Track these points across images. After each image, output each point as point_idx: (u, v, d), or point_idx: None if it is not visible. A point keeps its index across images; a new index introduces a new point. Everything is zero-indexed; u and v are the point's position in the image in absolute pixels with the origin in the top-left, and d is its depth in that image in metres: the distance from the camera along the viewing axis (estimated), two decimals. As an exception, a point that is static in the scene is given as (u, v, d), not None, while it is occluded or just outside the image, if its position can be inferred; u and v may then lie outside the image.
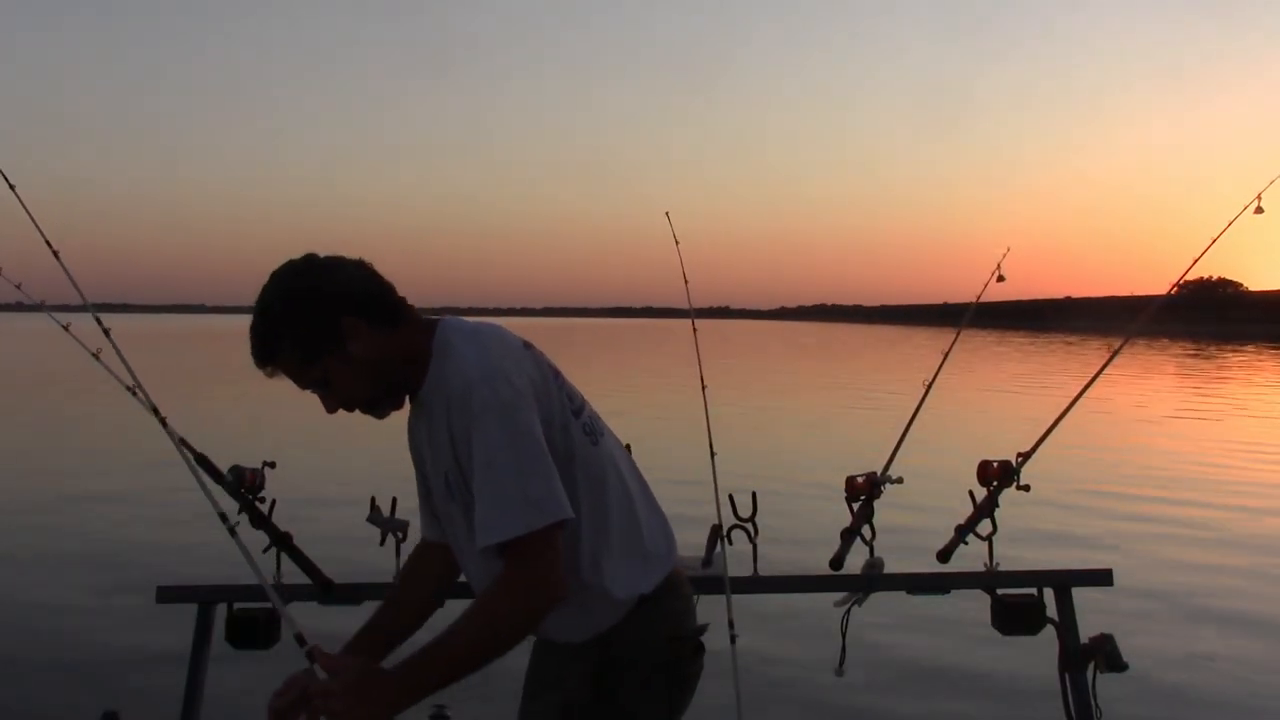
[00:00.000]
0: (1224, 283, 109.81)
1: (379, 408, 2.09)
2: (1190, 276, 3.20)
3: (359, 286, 2.01)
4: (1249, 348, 59.79)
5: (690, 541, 2.98)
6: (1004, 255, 3.36)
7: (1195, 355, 49.48)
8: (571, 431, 2.04)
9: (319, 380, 2.02)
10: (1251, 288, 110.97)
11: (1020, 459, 2.97)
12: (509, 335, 2.09)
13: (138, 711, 2.85)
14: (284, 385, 2.08)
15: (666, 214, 3.41)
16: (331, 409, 2.08)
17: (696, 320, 3.22)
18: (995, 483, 2.96)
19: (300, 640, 1.90)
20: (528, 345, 2.09)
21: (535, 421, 1.92)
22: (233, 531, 2.17)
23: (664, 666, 2.11)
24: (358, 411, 2.10)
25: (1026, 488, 2.93)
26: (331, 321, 1.96)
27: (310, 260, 2.04)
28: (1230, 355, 51.26)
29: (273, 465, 2.88)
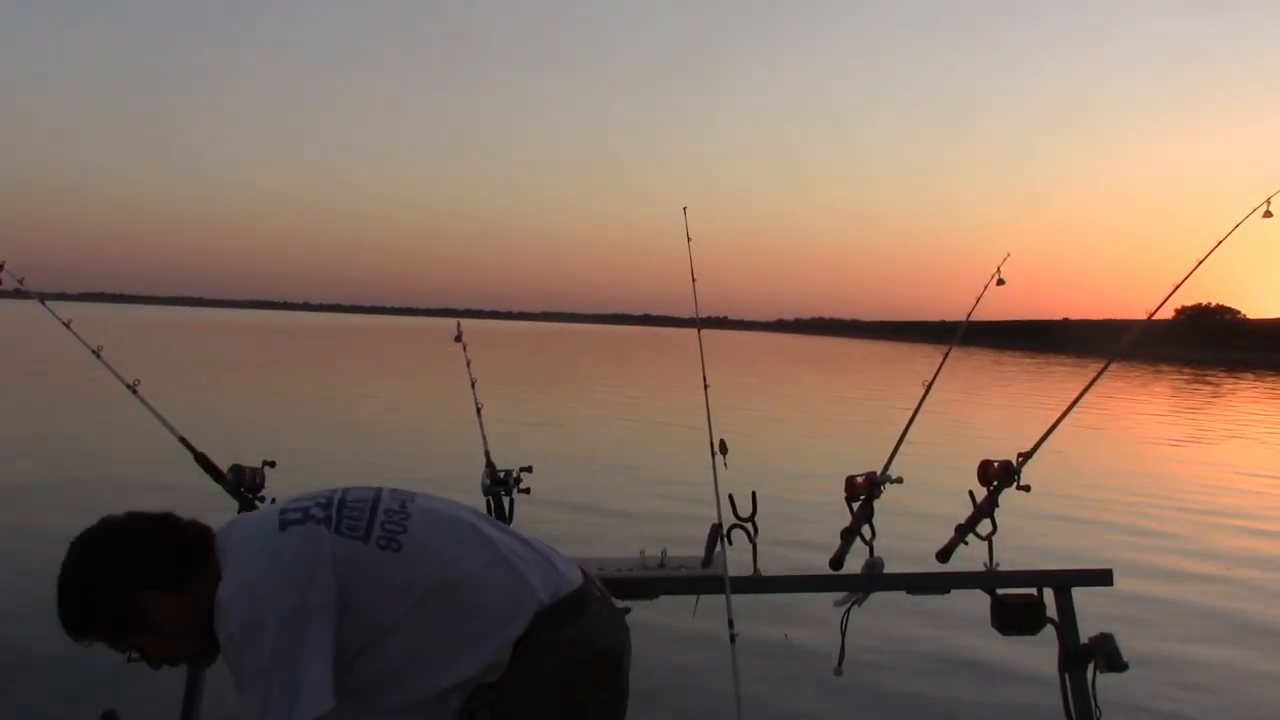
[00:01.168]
0: (1222, 309, 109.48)
1: (201, 659, 2.11)
2: (1189, 301, 3.19)
3: (153, 557, 1.99)
4: (1249, 374, 59.80)
5: (690, 542, 2.98)
6: (1004, 259, 3.36)
7: (1196, 380, 49.53)
8: (362, 567, 2.00)
9: (135, 646, 2.02)
10: (1250, 315, 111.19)
11: (1021, 459, 2.97)
12: (266, 523, 2.04)
13: (138, 711, 2.85)
14: (283, 387, 2.08)
15: (684, 209, 3.39)
16: (155, 667, 2.07)
17: (689, 330, 3.22)
18: (995, 483, 2.96)
19: None
20: (290, 519, 2.02)
21: (289, 620, 1.90)
22: None
23: (561, 695, 2.06)
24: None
25: (1027, 488, 2.92)
26: (130, 601, 1.96)
27: (104, 532, 2.03)
28: (1232, 381, 51.27)
29: (273, 465, 2.88)
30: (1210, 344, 78.59)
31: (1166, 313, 3.31)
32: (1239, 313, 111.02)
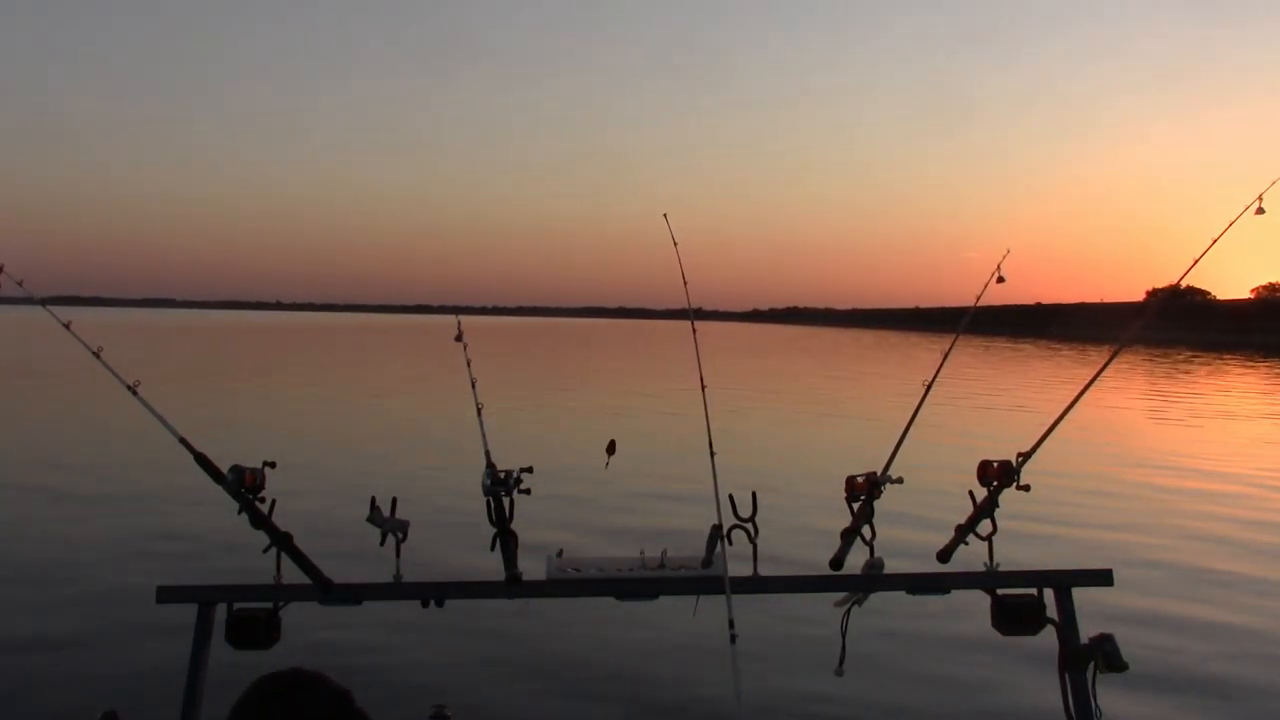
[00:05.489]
0: (1193, 290, 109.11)
1: None
2: (1162, 284, 3.20)
3: None
4: (1232, 357, 59.87)
5: (690, 542, 2.98)
6: (1004, 256, 3.34)
7: (1176, 363, 49.53)
8: None
9: None
10: (1220, 297, 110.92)
11: (1020, 459, 2.96)
12: None
13: (138, 711, 2.85)
14: (282, 386, 2.08)
15: (665, 215, 3.41)
16: None
17: (665, 322, 3.22)
18: (995, 483, 2.95)
19: None
20: None
21: None
22: None
23: None
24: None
25: (1027, 488, 2.92)
26: None
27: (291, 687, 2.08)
28: (1213, 364, 51.29)
29: (273, 465, 2.87)
30: (1181, 325, 78.73)
31: (1139, 295, 3.32)
32: (1209, 294, 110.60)
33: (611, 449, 3.12)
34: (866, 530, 2.95)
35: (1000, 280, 3.35)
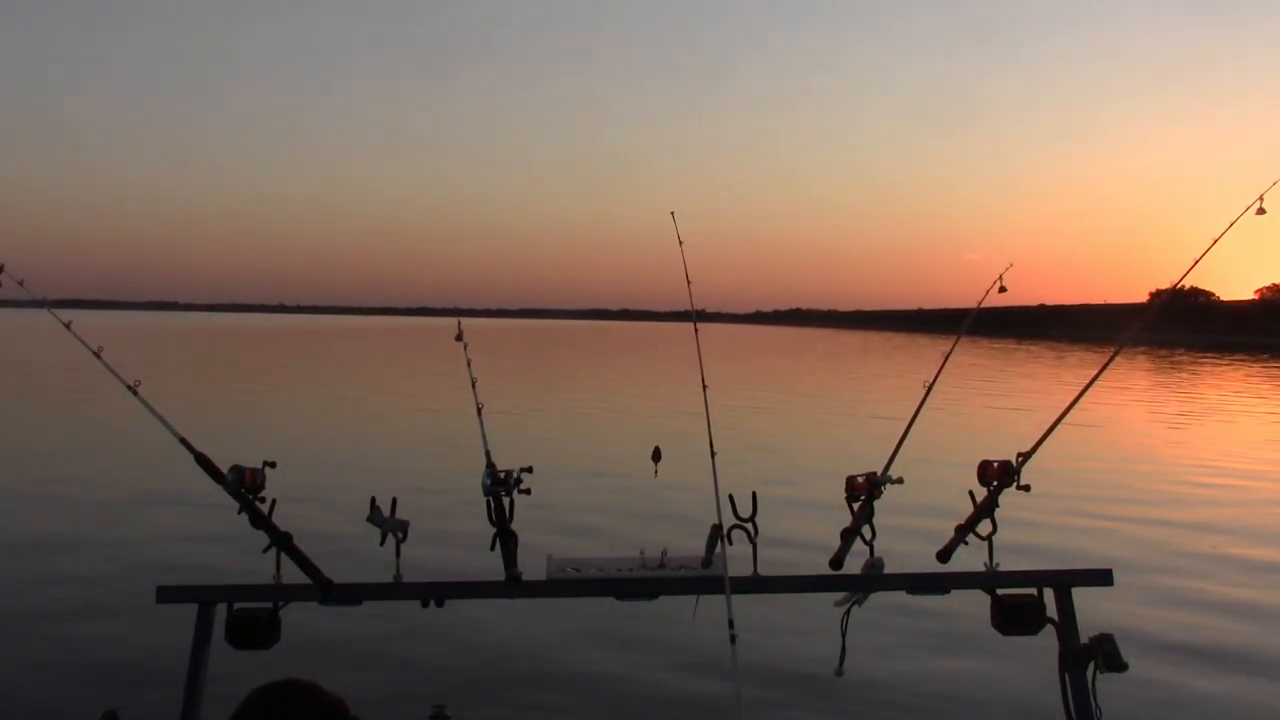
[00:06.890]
0: (1196, 291, 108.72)
1: None
2: (1165, 285, 3.19)
3: None
4: (1237, 356, 59.90)
5: (690, 542, 2.98)
6: (1007, 269, 3.37)
7: (1192, 363, 49.53)
8: None
9: None
10: (1223, 298, 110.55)
11: (1020, 459, 2.96)
12: None
13: (138, 711, 2.85)
14: (283, 386, 2.07)
15: (672, 214, 3.40)
16: None
17: (668, 325, 3.21)
18: (995, 483, 2.95)
19: None
20: None
21: None
22: None
23: None
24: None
25: (1027, 488, 2.92)
26: None
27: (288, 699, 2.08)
28: (1219, 364, 51.27)
29: (273, 465, 2.87)
30: (1183, 327, 78.57)
31: (1143, 297, 3.32)
32: (1213, 295, 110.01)
33: (657, 456, 3.08)
34: (866, 530, 2.95)
35: (1002, 290, 3.38)
